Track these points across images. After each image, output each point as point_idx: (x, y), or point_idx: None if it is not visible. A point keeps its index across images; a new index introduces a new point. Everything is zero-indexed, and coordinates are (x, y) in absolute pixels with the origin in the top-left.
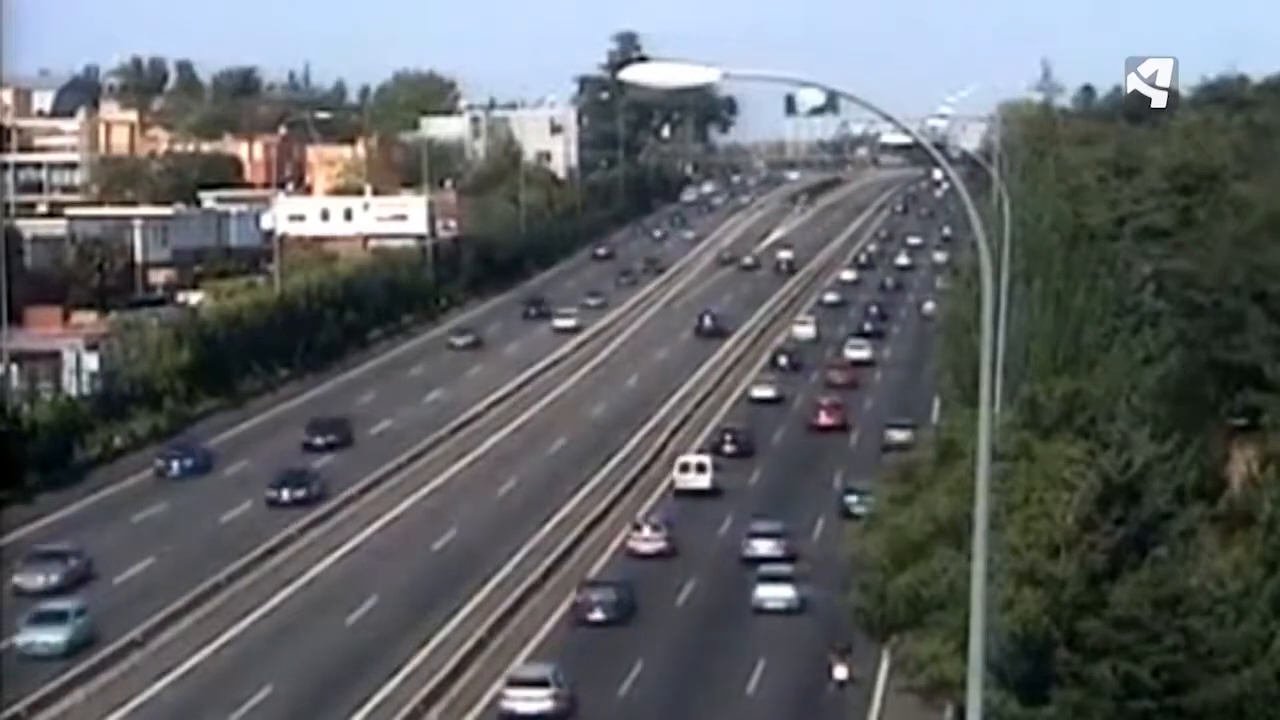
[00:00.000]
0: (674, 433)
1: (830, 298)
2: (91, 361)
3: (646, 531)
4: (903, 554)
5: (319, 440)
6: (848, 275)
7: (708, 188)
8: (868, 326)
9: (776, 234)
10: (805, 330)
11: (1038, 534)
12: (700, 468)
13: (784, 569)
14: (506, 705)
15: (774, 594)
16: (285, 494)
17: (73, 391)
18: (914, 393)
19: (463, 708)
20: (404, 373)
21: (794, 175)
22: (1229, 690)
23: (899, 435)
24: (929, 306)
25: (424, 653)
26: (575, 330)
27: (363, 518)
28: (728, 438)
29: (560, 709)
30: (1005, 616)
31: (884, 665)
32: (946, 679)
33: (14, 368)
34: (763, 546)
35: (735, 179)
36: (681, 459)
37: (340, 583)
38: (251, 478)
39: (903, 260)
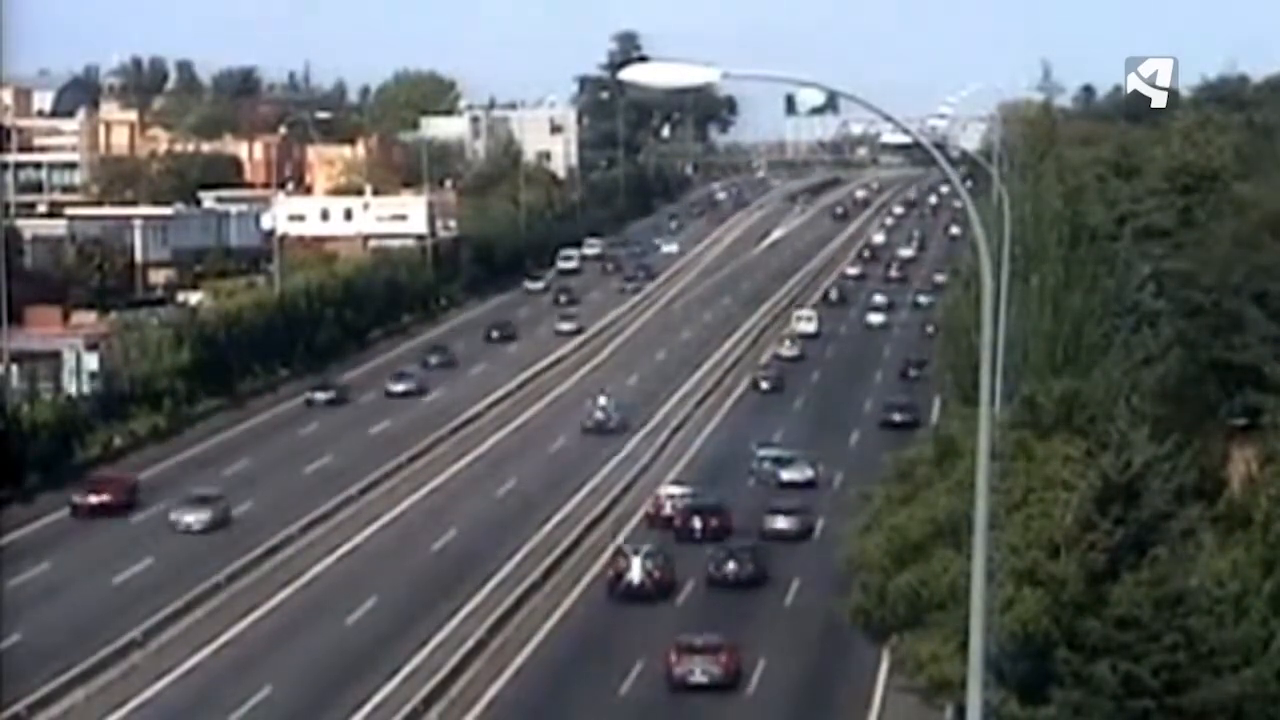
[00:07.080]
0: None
1: (889, 221)
2: (91, 361)
3: (806, 312)
4: (902, 554)
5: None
6: (898, 210)
7: (592, 248)
8: (914, 241)
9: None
10: (879, 237)
11: (1037, 534)
12: (809, 319)
13: (879, 304)
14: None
15: (875, 318)
16: None
17: (73, 391)
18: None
19: None
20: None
21: (780, 181)
22: (1229, 690)
23: (940, 277)
24: (954, 230)
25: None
26: None
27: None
28: (834, 292)
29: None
30: (1005, 616)
31: (884, 665)
32: (946, 679)
33: (14, 368)
34: (879, 298)
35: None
36: (797, 312)
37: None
38: None
39: (933, 200)
